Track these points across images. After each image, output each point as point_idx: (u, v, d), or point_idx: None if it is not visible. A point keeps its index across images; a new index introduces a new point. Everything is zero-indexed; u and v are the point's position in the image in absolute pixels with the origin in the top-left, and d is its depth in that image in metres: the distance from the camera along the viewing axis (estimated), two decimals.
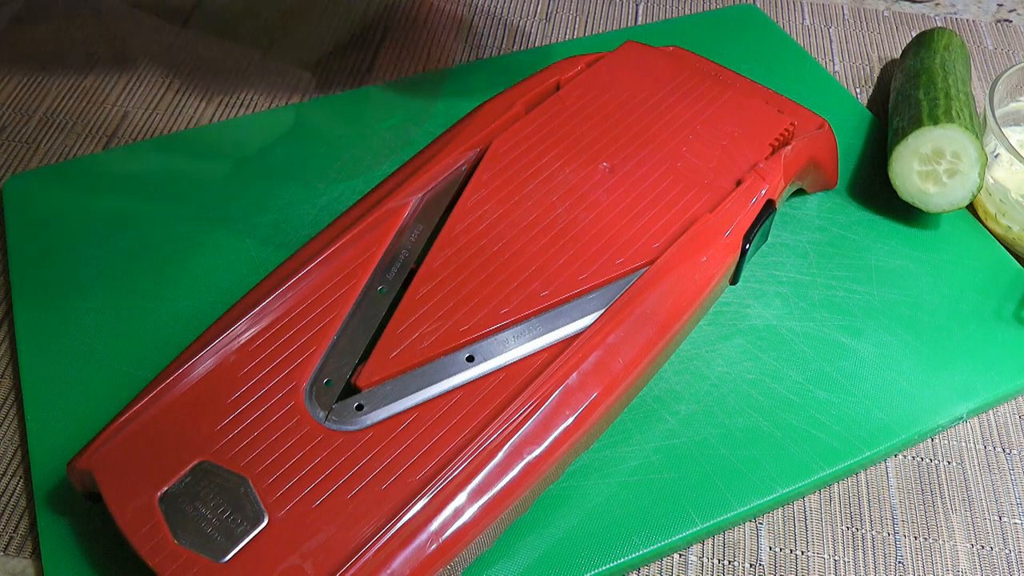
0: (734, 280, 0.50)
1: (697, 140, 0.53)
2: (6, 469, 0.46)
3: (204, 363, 0.43)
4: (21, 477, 0.46)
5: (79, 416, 0.47)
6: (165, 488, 0.39)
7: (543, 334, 0.44)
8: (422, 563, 0.37)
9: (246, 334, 0.44)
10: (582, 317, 0.45)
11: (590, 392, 0.42)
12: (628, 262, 0.47)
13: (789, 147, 0.53)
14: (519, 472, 0.40)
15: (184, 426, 0.41)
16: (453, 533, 0.38)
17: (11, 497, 0.45)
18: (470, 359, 0.43)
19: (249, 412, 0.41)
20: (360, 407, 0.42)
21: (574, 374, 0.42)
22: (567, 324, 0.45)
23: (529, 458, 0.40)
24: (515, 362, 0.43)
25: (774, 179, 0.50)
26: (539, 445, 0.40)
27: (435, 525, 0.38)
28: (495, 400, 0.41)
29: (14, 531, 0.44)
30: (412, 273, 0.47)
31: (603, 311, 0.45)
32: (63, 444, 0.46)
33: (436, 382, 0.42)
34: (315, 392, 0.42)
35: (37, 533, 0.44)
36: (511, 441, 0.40)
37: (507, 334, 0.44)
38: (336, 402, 0.42)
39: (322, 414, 0.41)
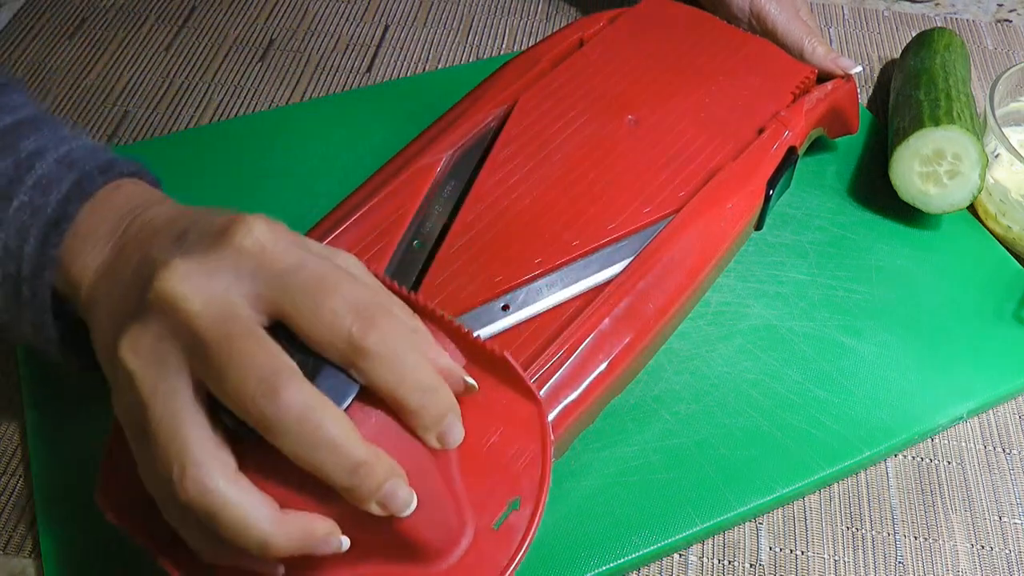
0: (759, 226, 0.51)
1: (720, 91, 0.54)
2: (6, 469, 0.46)
3: None
4: (21, 477, 0.46)
5: (79, 416, 0.47)
6: None
7: (575, 282, 0.45)
8: None
9: None
10: (613, 265, 0.46)
11: (623, 337, 0.43)
12: (656, 211, 0.48)
13: (810, 95, 0.54)
14: (555, 417, 0.41)
15: None
16: None
17: (11, 497, 0.45)
18: (505, 308, 0.44)
19: None
20: None
21: (606, 319, 0.43)
22: (598, 272, 0.46)
23: (565, 402, 0.41)
24: (549, 310, 0.44)
25: (796, 126, 0.52)
26: (575, 389, 0.41)
27: None
28: (531, 347, 0.42)
29: (14, 531, 0.44)
30: (446, 227, 0.47)
31: (633, 258, 0.46)
32: (63, 444, 0.46)
33: (473, 331, 0.43)
34: None
35: (37, 533, 0.44)
36: (546, 386, 0.41)
37: (540, 283, 0.45)
38: None
39: None
